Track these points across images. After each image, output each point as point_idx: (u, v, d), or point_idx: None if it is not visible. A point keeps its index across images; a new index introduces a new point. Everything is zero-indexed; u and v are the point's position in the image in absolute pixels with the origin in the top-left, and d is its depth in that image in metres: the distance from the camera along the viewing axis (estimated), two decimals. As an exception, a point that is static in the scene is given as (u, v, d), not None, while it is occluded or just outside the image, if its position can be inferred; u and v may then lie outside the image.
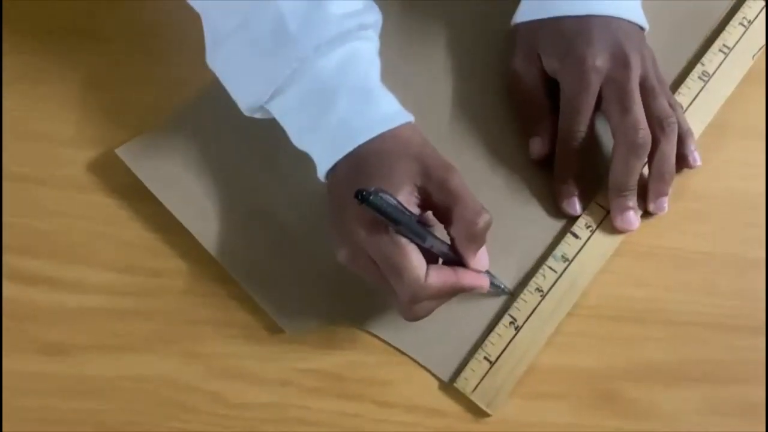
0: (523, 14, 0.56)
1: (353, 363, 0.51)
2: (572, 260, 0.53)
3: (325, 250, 0.52)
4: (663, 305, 0.53)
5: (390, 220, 0.45)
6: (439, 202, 0.47)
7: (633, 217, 0.54)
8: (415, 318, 0.48)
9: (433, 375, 0.51)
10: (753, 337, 0.52)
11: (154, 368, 0.51)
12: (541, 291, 0.52)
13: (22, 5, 0.60)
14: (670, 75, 0.58)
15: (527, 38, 0.56)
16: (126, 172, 0.55)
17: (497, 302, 0.52)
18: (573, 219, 0.54)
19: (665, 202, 0.54)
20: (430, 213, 0.49)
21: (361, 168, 0.47)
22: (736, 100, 0.57)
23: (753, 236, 0.54)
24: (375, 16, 0.51)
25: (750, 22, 0.59)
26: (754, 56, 0.58)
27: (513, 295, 0.52)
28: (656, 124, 0.52)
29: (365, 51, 0.50)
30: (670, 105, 0.54)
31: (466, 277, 0.48)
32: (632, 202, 0.53)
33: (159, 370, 0.51)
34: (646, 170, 0.54)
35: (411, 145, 0.48)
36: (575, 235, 0.53)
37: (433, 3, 0.60)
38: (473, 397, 0.50)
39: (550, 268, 0.53)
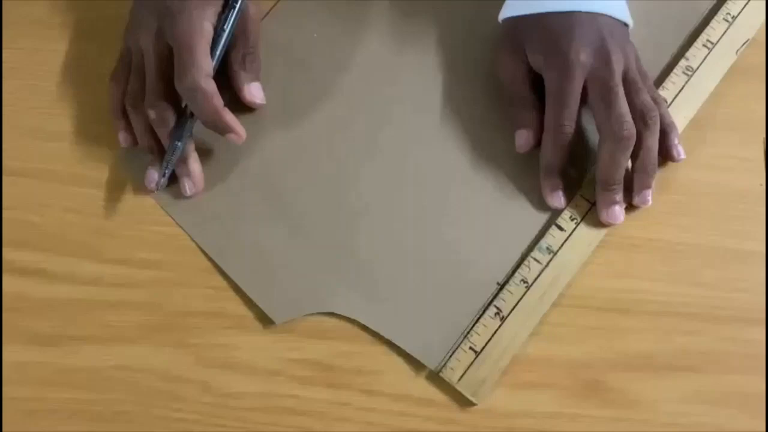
0: (508, 10, 0.57)
1: (342, 353, 0.52)
2: (557, 252, 0.53)
3: (311, 239, 0.53)
4: (647, 296, 0.53)
5: None
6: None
7: (619, 210, 0.54)
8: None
9: (420, 363, 0.51)
10: (737, 327, 0.53)
11: (145, 359, 0.51)
12: (527, 282, 0.53)
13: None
14: (654, 70, 0.58)
15: (513, 34, 0.56)
16: (119, 166, 0.56)
17: (484, 293, 0.53)
18: (558, 211, 0.55)
19: (649, 194, 0.54)
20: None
21: None
22: (720, 95, 0.58)
23: (737, 228, 0.55)
24: None
25: (734, 18, 0.60)
26: (737, 51, 0.59)
27: (501, 286, 0.53)
28: (639, 118, 0.53)
29: None
30: (654, 99, 0.54)
31: (229, 114, 0.53)
32: (619, 196, 0.54)
33: (150, 361, 0.51)
34: (629, 164, 0.54)
35: None
36: (560, 228, 0.54)
37: (422, 2, 0.61)
38: (459, 387, 0.51)
39: (536, 259, 0.53)
